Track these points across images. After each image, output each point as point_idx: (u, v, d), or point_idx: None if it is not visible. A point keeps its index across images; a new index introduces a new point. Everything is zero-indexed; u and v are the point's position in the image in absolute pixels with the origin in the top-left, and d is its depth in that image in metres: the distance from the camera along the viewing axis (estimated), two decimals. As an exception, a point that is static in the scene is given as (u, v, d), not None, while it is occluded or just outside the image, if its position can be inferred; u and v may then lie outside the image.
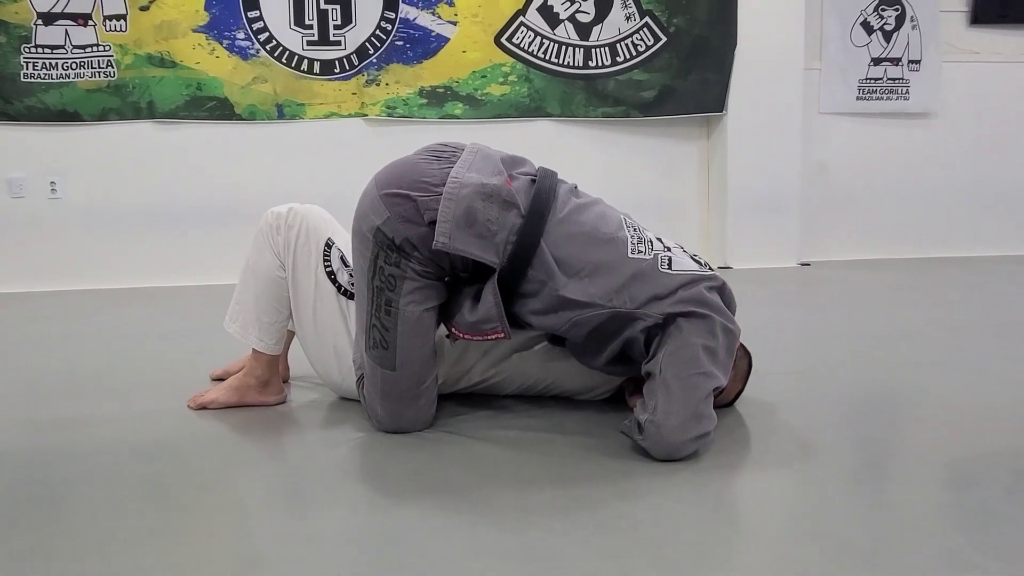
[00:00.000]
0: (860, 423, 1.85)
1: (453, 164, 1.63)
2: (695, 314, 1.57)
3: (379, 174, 1.68)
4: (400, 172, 1.64)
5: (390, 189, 1.60)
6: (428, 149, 1.70)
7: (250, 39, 3.92)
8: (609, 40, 4.17)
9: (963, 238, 4.56)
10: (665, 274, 1.60)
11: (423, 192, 1.58)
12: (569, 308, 1.58)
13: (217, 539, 1.30)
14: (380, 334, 1.64)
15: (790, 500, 1.41)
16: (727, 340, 1.60)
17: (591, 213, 1.66)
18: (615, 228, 1.65)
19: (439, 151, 1.68)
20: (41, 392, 2.15)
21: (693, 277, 1.62)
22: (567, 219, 1.62)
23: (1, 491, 1.48)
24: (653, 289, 1.58)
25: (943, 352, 2.44)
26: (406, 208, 1.58)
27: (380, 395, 1.69)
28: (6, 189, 3.86)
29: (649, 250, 1.63)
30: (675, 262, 1.63)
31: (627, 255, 1.61)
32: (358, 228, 1.66)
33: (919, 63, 4.37)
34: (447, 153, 1.67)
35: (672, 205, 4.38)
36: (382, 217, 1.59)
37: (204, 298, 3.62)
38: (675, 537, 1.25)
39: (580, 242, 1.60)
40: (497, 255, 1.56)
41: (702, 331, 1.56)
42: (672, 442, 1.50)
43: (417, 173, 1.61)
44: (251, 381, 1.95)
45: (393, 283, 1.61)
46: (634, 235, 1.66)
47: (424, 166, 1.63)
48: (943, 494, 1.42)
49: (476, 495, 1.42)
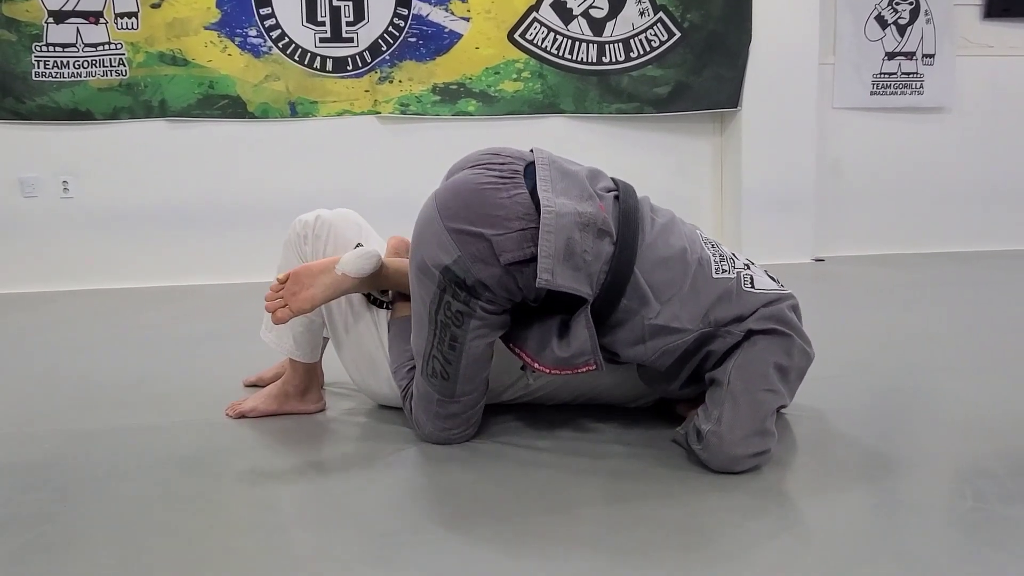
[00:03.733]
0: (901, 429, 1.84)
1: (520, 185, 1.50)
2: (775, 331, 1.55)
3: (441, 199, 1.53)
4: (466, 200, 1.49)
5: (459, 224, 1.47)
6: (487, 164, 1.55)
7: (262, 36, 3.89)
8: (623, 36, 4.15)
9: (978, 233, 4.57)
10: (748, 292, 1.57)
11: (497, 230, 1.46)
12: (660, 335, 1.53)
13: (263, 555, 1.28)
14: (441, 366, 1.58)
15: (860, 515, 1.38)
16: (801, 362, 1.58)
17: (675, 233, 1.60)
18: (699, 248, 1.61)
19: (500, 167, 1.54)
20: (77, 401, 2.12)
21: (775, 296, 1.59)
22: (656, 242, 1.55)
23: (50, 503, 1.46)
24: (737, 309, 1.55)
25: (963, 351, 2.44)
26: (479, 248, 1.46)
27: (432, 416, 1.66)
28: (18, 189, 3.83)
29: (732, 268, 1.60)
30: (756, 280, 1.60)
31: (712, 275, 1.56)
32: (420, 259, 1.54)
33: (933, 57, 4.36)
34: (508, 168, 1.53)
35: (686, 201, 4.37)
36: (451, 255, 1.48)
37: (219, 298, 3.60)
38: (750, 556, 1.24)
39: (670, 266, 1.55)
40: (591, 287, 1.49)
41: (778, 349, 1.54)
42: (733, 455, 1.49)
43: (487, 204, 1.48)
44: (289, 389, 1.93)
45: (460, 320, 1.53)
46: (715, 252, 1.62)
47: (492, 195, 1.49)
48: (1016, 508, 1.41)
49: (531, 515, 1.40)
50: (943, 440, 1.73)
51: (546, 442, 1.71)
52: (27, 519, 1.41)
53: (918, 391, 2.11)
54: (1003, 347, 2.46)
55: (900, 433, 1.78)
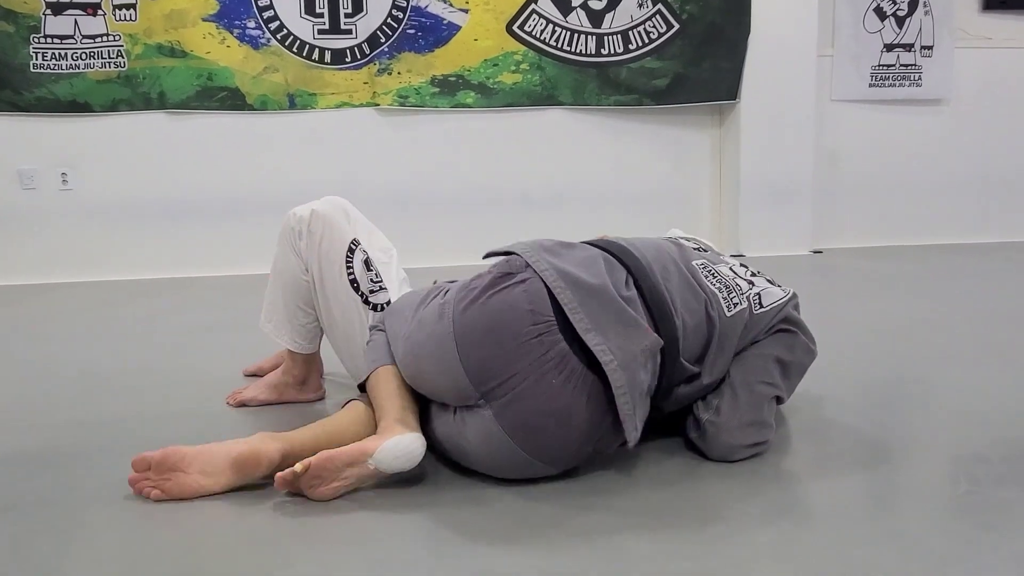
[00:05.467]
0: (898, 417, 1.85)
1: (555, 333, 1.34)
2: (782, 329, 1.58)
3: (463, 341, 1.37)
4: (495, 354, 1.34)
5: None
6: (495, 287, 1.39)
7: (261, 28, 3.89)
8: (621, 27, 4.15)
9: (975, 225, 4.58)
10: (760, 315, 1.56)
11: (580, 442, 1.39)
12: (695, 392, 1.53)
13: (261, 539, 1.29)
14: None
15: (857, 499, 1.40)
16: (803, 358, 1.60)
17: (681, 281, 1.51)
18: (703, 283, 1.53)
19: (533, 326, 1.35)
20: (78, 390, 2.13)
21: (781, 305, 1.60)
22: (684, 315, 1.47)
23: (52, 489, 1.47)
24: (753, 334, 1.56)
25: (960, 342, 2.45)
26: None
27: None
28: (17, 181, 3.84)
29: (740, 294, 1.55)
30: (763, 298, 1.58)
31: (727, 315, 1.52)
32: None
33: (932, 49, 4.36)
34: (543, 322, 1.35)
35: (684, 193, 4.38)
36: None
37: (218, 289, 3.61)
38: (750, 539, 1.25)
39: (700, 332, 1.49)
40: (647, 404, 1.43)
41: (780, 344, 1.56)
42: (730, 445, 1.50)
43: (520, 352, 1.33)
44: (289, 379, 1.94)
45: None
46: (718, 284, 1.55)
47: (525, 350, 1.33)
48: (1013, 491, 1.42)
49: (529, 504, 1.41)
50: (939, 427, 1.74)
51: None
52: (29, 504, 1.42)
53: (915, 380, 2.12)
54: (999, 338, 2.48)
55: (896, 420, 1.79)
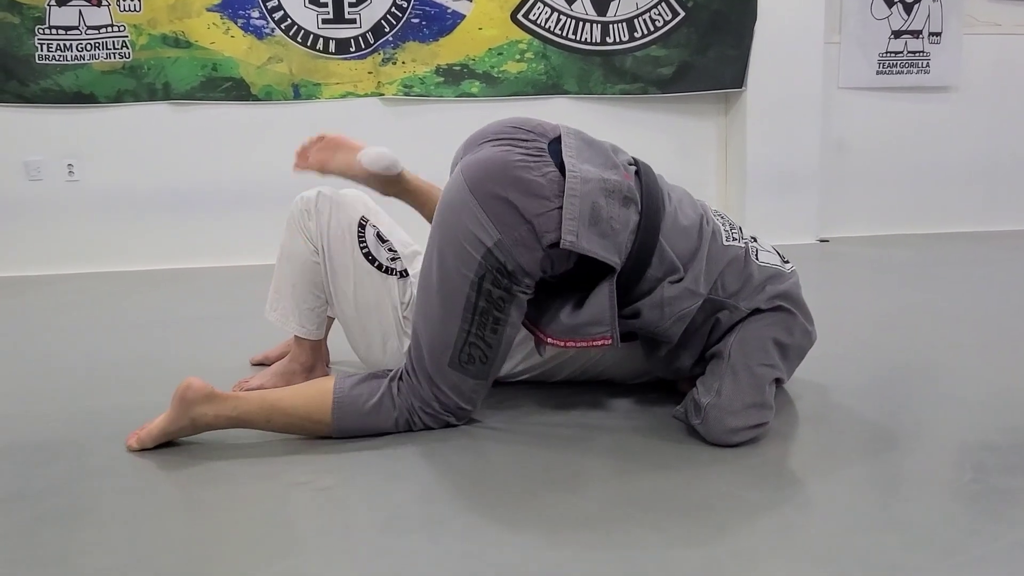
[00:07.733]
0: (903, 405, 1.84)
1: (549, 163, 1.48)
2: (780, 308, 1.58)
3: (472, 177, 1.49)
4: (500, 179, 1.46)
5: (496, 205, 1.45)
6: (512, 139, 1.52)
7: (265, 18, 3.88)
8: (627, 15, 4.13)
9: (983, 213, 4.55)
10: (755, 264, 1.60)
11: (537, 210, 1.45)
12: (679, 300, 1.53)
13: (269, 525, 1.30)
14: (482, 351, 1.56)
15: (860, 487, 1.40)
16: (802, 341, 1.61)
17: (690, 204, 1.63)
18: (711, 217, 1.65)
19: (525, 144, 1.51)
20: (84, 380, 2.14)
21: (778, 272, 1.62)
22: (676, 212, 1.57)
23: (59, 478, 1.48)
24: (743, 279, 1.58)
25: (967, 330, 2.44)
26: (522, 233, 1.45)
27: (458, 402, 1.63)
28: (23, 172, 3.85)
29: (740, 237, 1.64)
30: (761, 254, 1.64)
31: (723, 243, 1.60)
32: (454, 238, 1.50)
33: (940, 36, 4.33)
34: (534, 146, 1.50)
35: (690, 182, 4.28)
36: (492, 237, 1.46)
37: (224, 280, 3.62)
38: (752, 526, 1.25)
39: (690, 234, 1.57)
40: (619, 255, 1.49)
41: (779, 325, 1.57)
42: (731, 427, 1.50)
43: (522, 183, 1.45)
44: (296, 367, 1.95)
45: (501, 305, 1.52)
46: (724, 223, 1.66)
47: (525, 173, 1.46)
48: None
49: (533, 491, 1.41)
50: (945, 415, 1.74)
51: (546, 419, 1.72)
52: (37, 493, 1.43)
53: (921, 368, 2.12)
54: (1007, 326, 2.47)
55: (902, 408, 1.78)
